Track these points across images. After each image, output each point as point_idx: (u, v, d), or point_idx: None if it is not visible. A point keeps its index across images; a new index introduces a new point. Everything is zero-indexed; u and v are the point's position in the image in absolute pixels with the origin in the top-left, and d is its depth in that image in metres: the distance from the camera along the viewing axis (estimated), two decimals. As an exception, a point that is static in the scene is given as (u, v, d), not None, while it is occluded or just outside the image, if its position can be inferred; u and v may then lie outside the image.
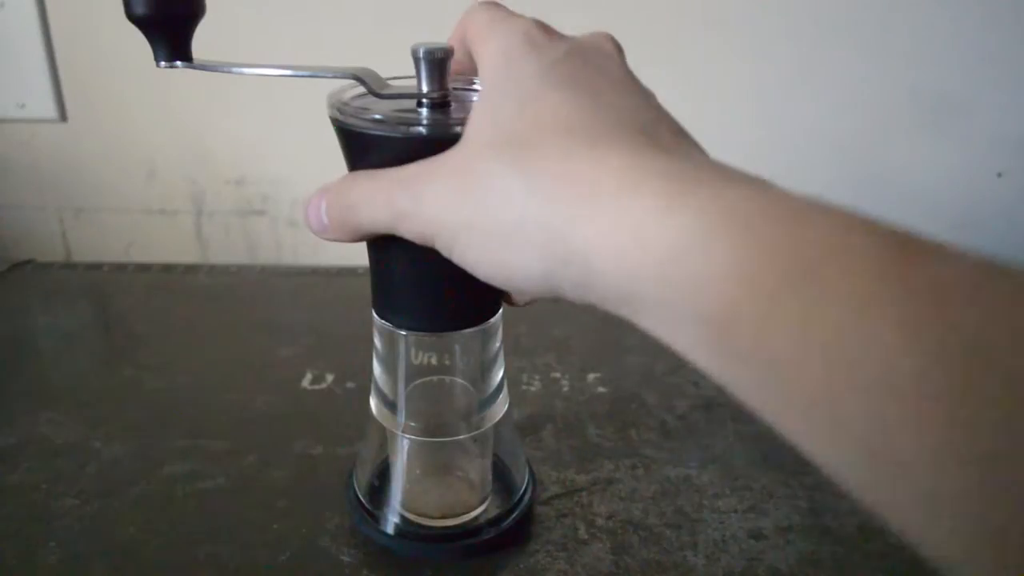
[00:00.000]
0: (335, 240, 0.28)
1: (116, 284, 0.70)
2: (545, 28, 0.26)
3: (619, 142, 0.21)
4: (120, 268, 0.73)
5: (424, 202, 0.24)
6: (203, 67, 0.28)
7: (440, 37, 0.30)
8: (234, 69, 0.28)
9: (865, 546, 0.38)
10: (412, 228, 0.25)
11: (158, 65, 0.28)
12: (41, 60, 0.71)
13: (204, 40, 0.29)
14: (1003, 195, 0.73)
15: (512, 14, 0.27)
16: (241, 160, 0.75)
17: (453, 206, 0.24)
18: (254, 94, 0.70)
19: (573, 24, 0.28)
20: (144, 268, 0.72)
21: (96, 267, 0.73)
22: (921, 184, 0.73)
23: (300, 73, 0.28)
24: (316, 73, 0.28)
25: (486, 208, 0.23)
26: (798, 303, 0.17)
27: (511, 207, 0.22)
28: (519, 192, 0.22)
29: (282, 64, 0.28)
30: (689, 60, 0.69)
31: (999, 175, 0.72)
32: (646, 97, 0.25)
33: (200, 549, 0.38)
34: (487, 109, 0.24)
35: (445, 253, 0.25)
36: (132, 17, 0.27)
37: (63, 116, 0.74)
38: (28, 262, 0.75)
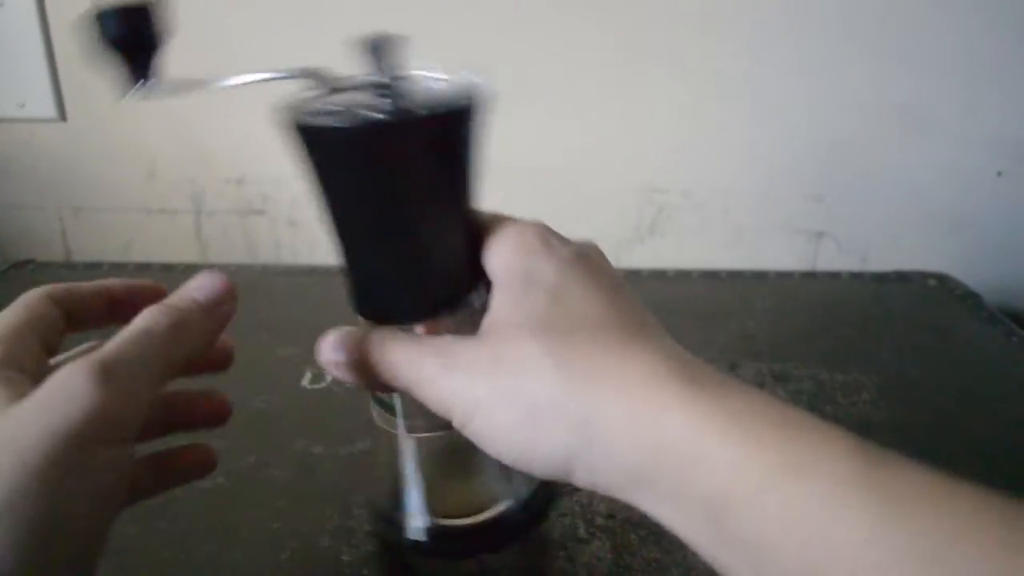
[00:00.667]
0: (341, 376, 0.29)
1: (116, 284, 0.70)
2: (550, 230, 0.29)
3: (640, 341, 0.25)
4: (120, 267, 0.73)
5: (453, 371, 0.26)
6: (171, 90, 0.28)
7: (434, 35, 0.30)
8: (202, 86, 0.28)
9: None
10: (433, 395, 0.26)
11: (130, 90, 0.27)
12: (41, 60, 0.71)
13: (204, 39, 0.29)
14: (1003, 195, 0.73)
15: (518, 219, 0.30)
16: (241, 160, 0.75)
17: (483, 379, 0.25)
18: (255, 94, 0.70)
19: (573, 26, 0.28)
20: (144, 267, 0.72)
21: (96, 266, 0.73)
22: (921, 184, 0.73)
23: (248, 80, 0.27)
24: (265, 76, 0.27)
25: (518, 385, 0.24)
26: (782, 496, 0.20)
27: (543, 388, 0.24)
28: (553, 376, 0.24)
29: (228, 75, 0.28)
30: (686, 59, 0.69)
31: (999, 175, 0.72)
32: (639, 301, 0.28)
33: (200, 549, 0.38)
34: (515, 297, 0.26)
35: (459, 425, 0.26)
36: (103, 44, 0.27)
37: (63, 116, 0.74)
38: (28, 262, 0.75)
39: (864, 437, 0.21)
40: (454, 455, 0.37)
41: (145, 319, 0.26)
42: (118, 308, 0.31)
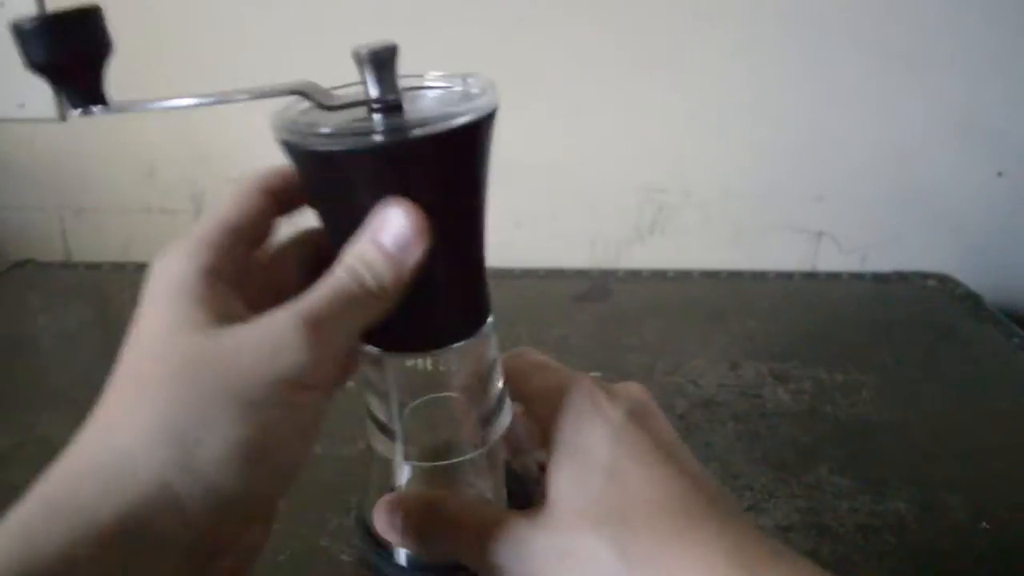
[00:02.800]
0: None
1: (115, 284, 0.70)
2: (600, 383, 0.29)
3: (697, 528, 0.25)
4: (119, 267, 0.73)
5: (522, 563, 0.26)
6: (120, 109, 0.26)
7: (431, 37, 0.29)
8: (154, 105, 0.26)
9: (865, 546, 0.38)
10: None
11: (72, 112, 0.26)
12: (41, 60, 0.71)
13: (199, 41, 0.29)
14: (1003, 195, 0.73)
15: (562, 368, 0.30)
16: (241, 160, 0.75)
17: (550, 573, 0.26)
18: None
19: (574, 26, 0.28)
20: (144, 267, 0.72)
21: (95, 267, 0.73)
22: (921, 184, 0.73)
23: (235, 99, 0.26)
24: (255, 94, 0.26)
25: None
26: None
27: None
28: (617, 572, 0.25)
29: (211, 93, 0.26)
30: (686, 59, 0.69)
31: (999, 175, 0.72)
32: (690, 453, 0.29)
33: (200, 549, 0.38)
34: (572, 476, 0.27)
35: None
36: (33, 67, 0.25)
37: (63, 116, 0.74)
38: (28, 262, 0.75)
39: (864, 437, 0.20)
40: (449, 483, 0.36)
41: (346, 277, 0.25)
42: None
